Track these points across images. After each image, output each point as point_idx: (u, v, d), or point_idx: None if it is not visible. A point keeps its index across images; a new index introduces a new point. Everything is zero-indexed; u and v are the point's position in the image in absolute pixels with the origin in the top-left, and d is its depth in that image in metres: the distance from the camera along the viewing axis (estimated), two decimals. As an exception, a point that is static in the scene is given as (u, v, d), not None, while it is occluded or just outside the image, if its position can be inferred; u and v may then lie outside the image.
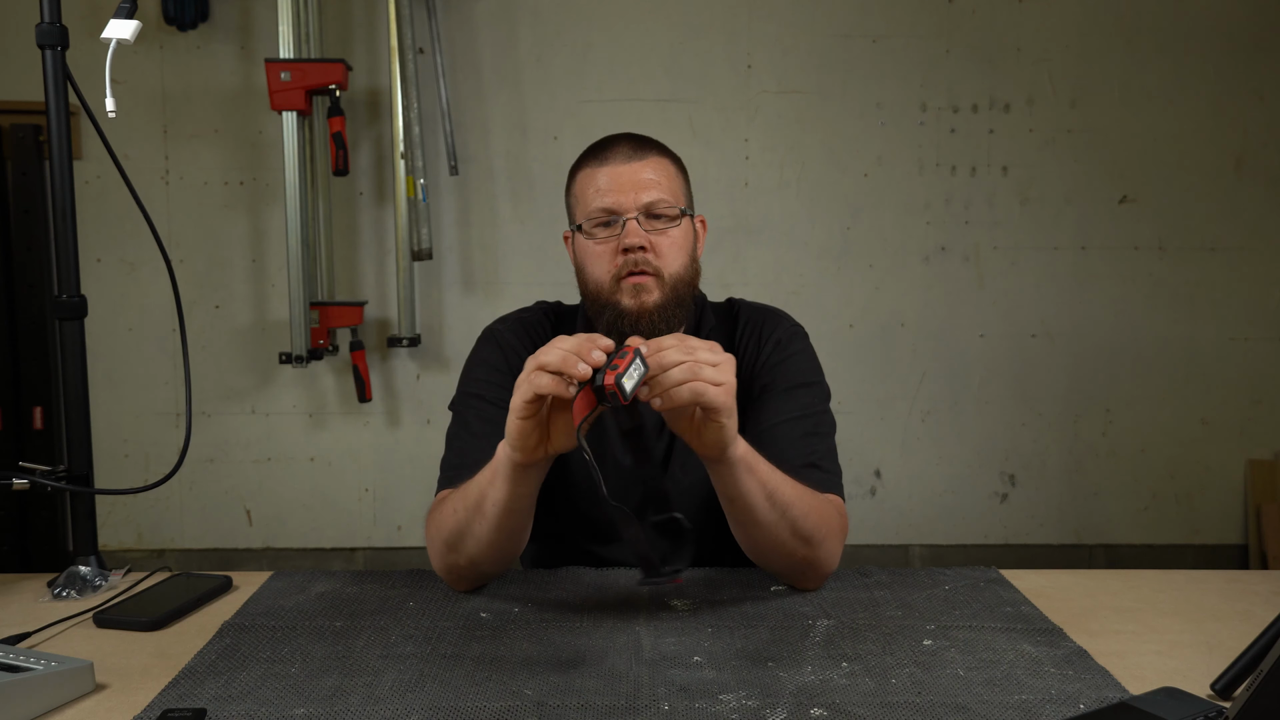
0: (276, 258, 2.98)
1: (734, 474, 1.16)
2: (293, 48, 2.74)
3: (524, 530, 1.25)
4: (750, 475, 1.16)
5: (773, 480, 1.19)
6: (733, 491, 1.18)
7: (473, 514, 1.20)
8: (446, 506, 1.26)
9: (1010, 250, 3.08)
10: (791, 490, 1.21)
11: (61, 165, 1.33)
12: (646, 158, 1.38)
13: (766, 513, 1.19)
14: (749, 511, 1.19)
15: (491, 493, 1.17)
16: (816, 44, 3.00)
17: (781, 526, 1.20)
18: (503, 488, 1.16)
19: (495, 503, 1.18)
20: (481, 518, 1.19)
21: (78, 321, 1.37)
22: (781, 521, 1.20)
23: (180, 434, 3.04)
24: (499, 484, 1.16)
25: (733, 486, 1.17)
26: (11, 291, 2.92)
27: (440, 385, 3.04)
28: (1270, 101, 3.04)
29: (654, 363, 1.06)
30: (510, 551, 1.26)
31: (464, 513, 1.21)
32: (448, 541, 1.24)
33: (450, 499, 1.26)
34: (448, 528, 1.24)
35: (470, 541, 1.22)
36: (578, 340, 1.06)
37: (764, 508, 1.19)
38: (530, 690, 1.00)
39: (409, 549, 3.09)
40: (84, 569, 1.33)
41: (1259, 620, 1.14)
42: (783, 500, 1.20)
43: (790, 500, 1.20)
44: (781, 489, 1.20)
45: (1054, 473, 3.16)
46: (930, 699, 0.98)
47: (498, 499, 1.17)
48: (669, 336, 1.09)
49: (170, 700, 0.99)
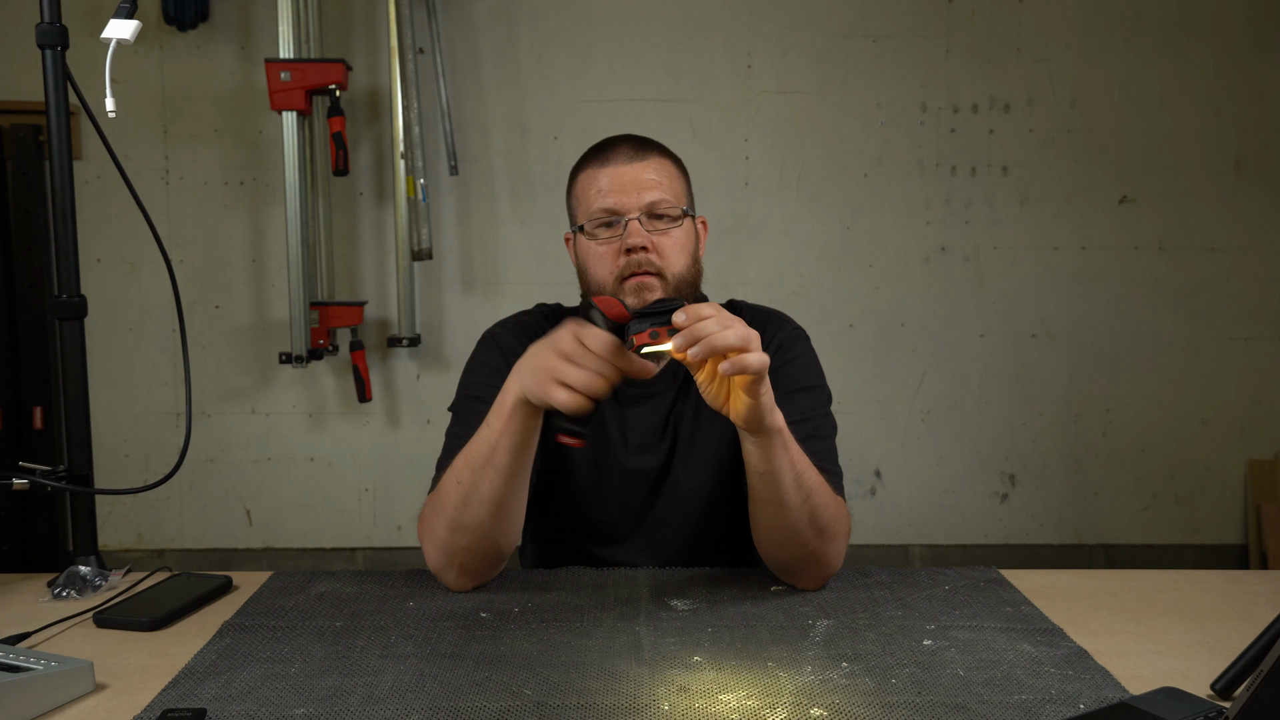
0: (276, 258, 2.98)
1: (770, 446, 1.17)
2: (293, 48, 2.74)
3: (526, 489, 1.26)
4: (784, 451, 1.18)
5: (802, 463, 1.21)
6: (764, 465, 1.19)
7: (482, 470, 1.20)
8: (446, 482, 1.26)
9: (1010, 250, 3.08)
10: (816, 478, 1.23)
11: (61, 165, 1.33)
12: (648, 158, 1.38)
13: (792, 494, 1.20)
14: (776, 489, 1.20)
15: (505, 440, 1.19)
16: (816, 44, 3.00)
17: (803, 511, 1.21)
18: (517, 429, 1.17)
19: (510, 449, 1.19)
20: (494, 470, 1.20)
21: (78, 321, 1.37)
22: (804, 506, 1.21)
23: (180, 434, 3.04)
24: (512, 428, 1.17)
25: (765, 460, 1.18)
26: (11, 291, 2.92)
27: (440, 385, 3.04)
28: (1270, 101, 3.05)
29: (692, 321, 1.08)
30: (515, 516, 1.25)
31: (471, 474, 1.21)
32: (453, 519, 1.23)
33: (448, 476, 1.26)
34: (451, 501, 1.23)
35: (479, 505, 1.21)
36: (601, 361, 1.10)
37: (791, 488, 1.20)
38: (530, 690, 1.00)
39: (409, 549, 3.09)
40: (84, 569, 1.33)
41: (1259, 620, 1.14)
42: (808, 485, 1.21)
43: (814, 487, 1.22)
44: (808, 474, 1.22)
45: (1054, 473, 3.16)
46: (930, 699, 0.98)
47: (511, 444, 1.18)
48: (706, 305, 1.11)
49: (170, 700, 0.99)
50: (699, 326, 1.07)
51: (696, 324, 1.07)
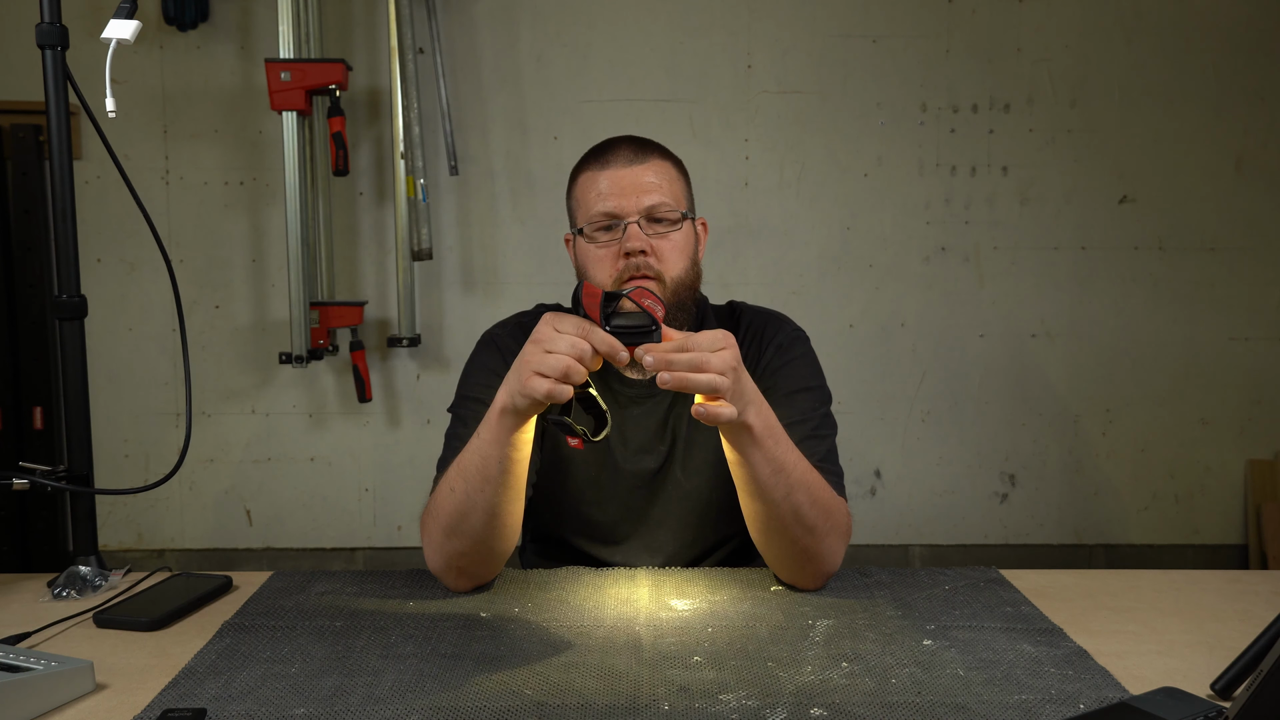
0: (276, 258, 2.98)
1: (739, 440, 1.19)
2: (293, 48, 2.74)
3: (523, 496, 1.25)
4: (757, 447, 1.19)
5: (786, 458, 1.21)
6: (735, 456, 1.21)
7: (476, 483, 1.20)
8: (441, 489, 1.26)
9: (1010, 250, 3.08)
10: (803, 475, 1.23)
11: (61, 165, 1.33)
12: (648, 161, 1.38)
13: (771, 488, 1.21)
14: (753, 481, 1.21)
15: (495, 451, 1.18)
16: (816, 44, 3.00)
17: (785, 506, 1.22)
18: (506, 440, 1.17)
19: (501, 460, 1.18)
20: (487, 483, 1.20)
21: (78, 321, 1.37)
22: (786, 501, 1.21)
23: (180, 434, 3.04)
24: (502, 438, 1.17)
25: (736, 451, 1.20)
26: (11, 291, 2.92)
27: (440, 385, 3.04)
28: (1270, 101, 3.04)
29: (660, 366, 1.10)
30: (512, 524, 1.25)
31: (464, 485, 1.21)
32: (449, 526, 1.23)
33: (443, 483, 1.26)
34: (447, 510, 1.23)
35: (475, 515, 1.21)
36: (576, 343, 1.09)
37: (769, 481, 1.20)
38: (530, 690, 1.00)
39: (409, 549, 3.09)
40: (84, 569, 1.33)
41: (1259, 620, 1.14)
42: (791, 480, 1.21)
43: (798, 483, 1.22)
44: (793, 470, 1.22)
45: (1054, 473, 3.16)
46: (930, 699, 0.99)
47: (502, 455, 1.18)
48: (677, 338, 1.11)
49: (170, 700, 0.99)
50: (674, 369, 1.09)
51: (669, 363, 1.09)
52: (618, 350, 1.09)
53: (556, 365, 1.08)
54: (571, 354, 1.08)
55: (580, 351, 1.08)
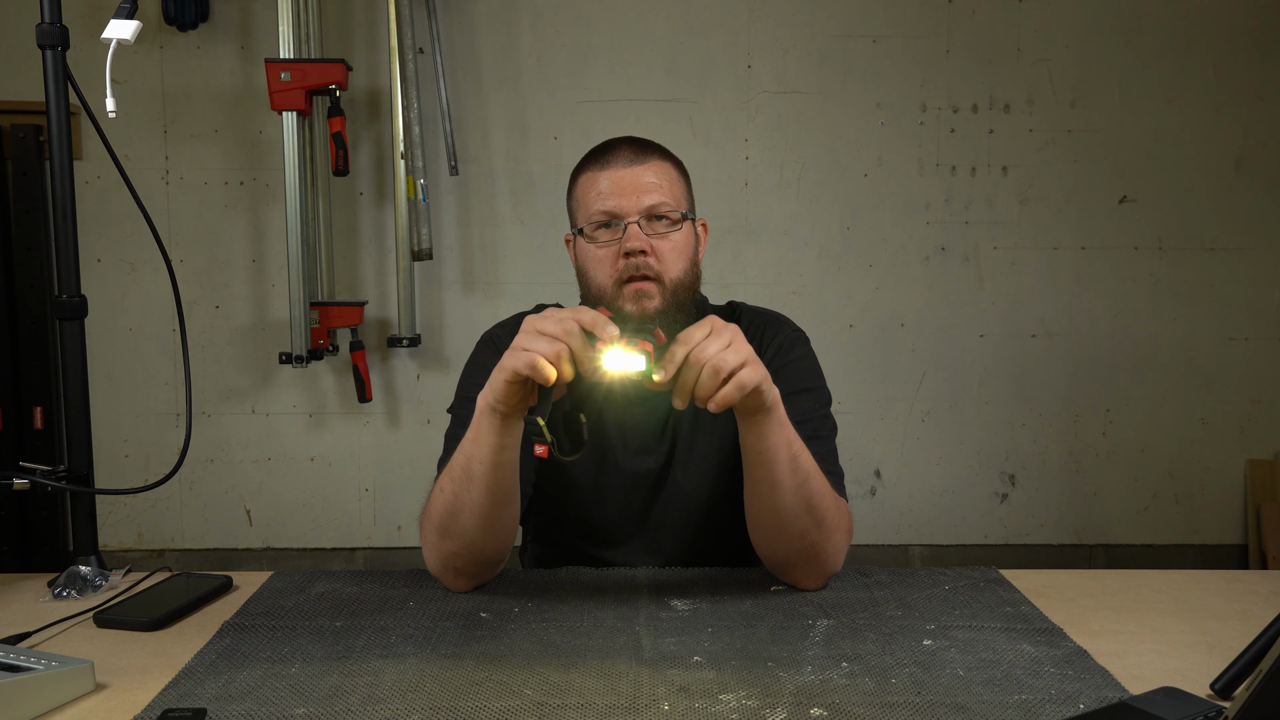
0: (276, 258, 2.98)
1: (768, 422, 1.17)
2: (293, 48, 2.74)
3: (513, 500, 1.24)
4: (780, 430, 1.18)
5: (798, 445, 1.21)
6: (760, 444, 1.19)
7: (461, 483, 1.20)
8: (434, 490, 1.26)
9: (1010, 250, 3.08)
10: (812, 464, 1.23)
11: (61, 165, 1.33)
12: (648, 161, 1.38)
13: (787, 476, 1.20)
14: (771, 469, 1.20)
15: (477, 451, 1.18)
16: (816, 44, 3.00)
17: (799, 496, 1.21)
18: (487, 441, 1.17)
19: (482, 461, 1.18)
20: (471, 483, 1.19)
21: (78, 321, 1.37)
22: (800, 490, 1.21)
23: (180, 434, 3.04)
24: (484, 439, 1.17)
25: (761, 438, 1.19)
26: (11, 291, 2.92)
27: (440, 385, 3.04)
28: (1270, 101, 3.04)
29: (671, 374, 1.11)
30: (502, 527, 1.24)
31: (451, 485, 1.22)
32: (441, 526, 1.24)
33: (438, 482, 1.26)
34: (438, 510, 1.24)
35: (464, 516, 1.21)
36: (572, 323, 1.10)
37: (786, 469, 1.20)
38: (530, 690, 1.00)
39: (409, 549, 3.09)
40: (84, 569, 1.33)
41: (1259, 620, 1.14)
42: (804, 468, 1.21)
43: (810, 471, 1.22)
44: (804, 457, 1.22)
45: (1054, 473, 3.16)
46: (930, 699, 0.99)
47: (484, 456, 1.18)
48: (678, 348, 1.11)
49: (170, 700, 0.99)
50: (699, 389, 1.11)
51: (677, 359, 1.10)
52: (605, 324, 1.09)
53: (543, 344, 1.09)
54: (559, 330, 1.09)
55: (568, 330, 1.09)
